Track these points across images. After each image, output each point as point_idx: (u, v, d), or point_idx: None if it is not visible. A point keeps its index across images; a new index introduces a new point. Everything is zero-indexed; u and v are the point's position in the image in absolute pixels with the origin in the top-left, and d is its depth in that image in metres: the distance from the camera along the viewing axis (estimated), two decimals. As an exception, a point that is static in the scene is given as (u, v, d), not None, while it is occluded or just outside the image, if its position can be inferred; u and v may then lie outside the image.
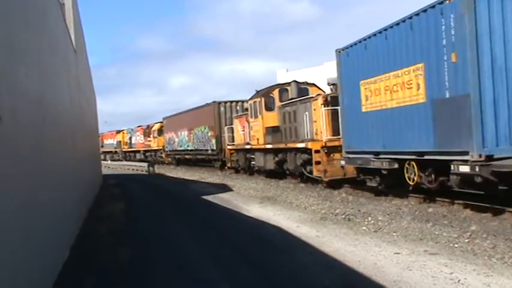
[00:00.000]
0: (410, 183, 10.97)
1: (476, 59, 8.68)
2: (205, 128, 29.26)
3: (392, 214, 10.09)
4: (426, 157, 10.22)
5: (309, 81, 19.54)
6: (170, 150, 38.10)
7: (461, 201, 10.46)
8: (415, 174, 10.74)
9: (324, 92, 18.12)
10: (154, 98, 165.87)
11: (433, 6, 9.66)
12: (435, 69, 9.67)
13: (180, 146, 34.94)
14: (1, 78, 3.94)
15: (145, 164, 34.38)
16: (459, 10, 8.87)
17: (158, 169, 33.38)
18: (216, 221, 11.36)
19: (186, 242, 9.13)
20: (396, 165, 11.27)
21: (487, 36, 8.68)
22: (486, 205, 9.69)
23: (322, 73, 50.03)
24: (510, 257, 6.53)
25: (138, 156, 47.08)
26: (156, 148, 42.35)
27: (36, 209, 5.30)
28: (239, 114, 24.66)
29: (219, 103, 27.55)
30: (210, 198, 15.61)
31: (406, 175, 11.03)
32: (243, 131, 22.81)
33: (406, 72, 10.60)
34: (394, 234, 8.49)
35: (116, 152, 56.20)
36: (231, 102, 27.50)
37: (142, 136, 46.69)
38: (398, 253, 7.16)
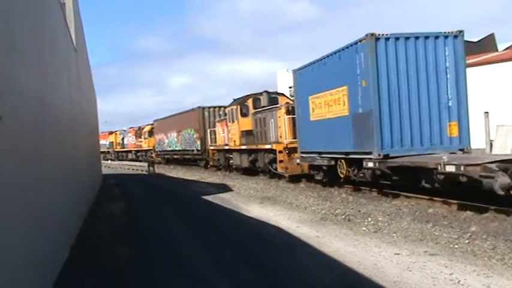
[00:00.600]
0: (341, 176, 14.32)
1: (377, 84, 11.83)
2: (191, 131, 32.29)
3: (392, 215, 10.09)
4: (350, 156, 13.54)
5: (278, 92, 22.93)
6: (160, 151, 40.83)
7: (461, 202, 10.47)
8: (344, 169, 14.05)
9: (291, 101, 20.37)
10: (154, 98, 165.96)
11: (352, 45, 12.71)
12: (354, 91, 12.78)
13: (169, 147, 37.91)
14: (1, 78, 3.94)
15: (146, 164, 34.45)
16: (366, 50, 11.96)
17: (158, 169, 33.39)
18: (216, 221, 11.36)
19: (186, 242, 9.13)
20: (332, 162, 14.59)
21: (384, 68, 11.88)
22: (486, 206, 9.70)
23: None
24: (510, 258, 6.53)
25: (130, 156, 49.78)
26: (147, 148, 45.16)
27: (36, 209, 5.31)
28: (220, 118, 27.16)
29: (204, 108, 30.69)
30: (210, 198, 15.61)
31: (339, 170, 14.34)
32: (223, 133, 25.69)
33: (337, 92, 13.74)
34: (394, 234, 8.49)
35: (108, 152, 58.28)
36: (214, 107, 30.55)
37: (134, 137, 49.52)
38: (398, 254, 7.16)
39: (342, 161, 14.00)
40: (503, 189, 8.85)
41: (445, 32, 12.25)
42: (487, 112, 20.10)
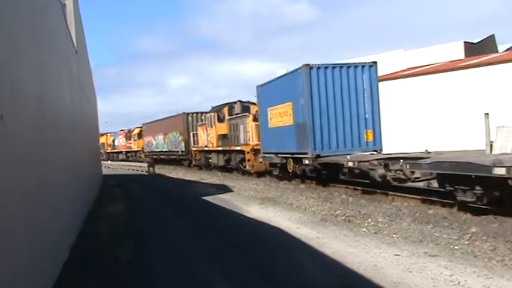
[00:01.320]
0: (290, 171, 18.34)
1: (311, 102, 15.67)
2: (176, 133, 35.96)
3: (393, 216, 10.09)
4: (294, 155, 17.38)
5: (250, 101, 25.61)
6: (148, 151, 44.72)
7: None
8: (291, 166, 18.04)
9: None
10: (154, 99, 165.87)
11: (294, 71, 16.62)
12: (296, 106, 16.60)
13: (157, 148, 41.80)
14: (2, 79, 3.95)
15: (146, 164, 34.54)
16: (303, 76, 15.81)
17: (158, 170, 33.42)
18: (216, 222, 11.37)
19: (185, 243, 9.13)
20: (284, 161, 18.49)
21: (316, 89, 15.73)
22: (486, 207, 9.71)
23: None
24: (510, 259, 6.53)
25: (120, 156, 53.87)
26: (137, 149, 49.13)
27: (36, 209, 5.31)
28: (202, 123, 30.68)
29: (187, 114, 34.37)
30: (210, 199, 15.62)
31: (288, 166, 18.31)
32: (204, 136, 29.36)
33: (286, 106, 17.51)
34: (394, 235, 8.49)
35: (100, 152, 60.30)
36: (197, 113, 34.00)
37: (124, 139, 53.64)
38: (398, 255, 7.16)
39: (290, 159, 18.01)
40: (380, 177, 12.43)
41: (363, 63, 16.42)
42: (487, 113, 20.21)
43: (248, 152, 22.35)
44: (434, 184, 11.42)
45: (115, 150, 57.09)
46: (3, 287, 3.60)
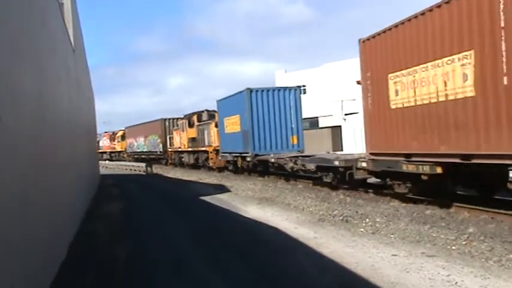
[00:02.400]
0: (239, 166, 23.80)
1: (251, 115, 21.61)
2: (155, 136, 41.43)
3: (390, 216, 10.10)
4: (242, 155, 22.93)
5: (216, 110, 28.84)
6: (130, 152, 50.56)
7: (459, 204, 10.52)
8: (240, 163, 23.54)
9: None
10: (152, 99, 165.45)
11: (241, 92, 22.37)
12: (242, 118, 22.46)
13: (138, 149, 47.61)
14: (0, 78, 3.94)
15: (143, 164, 34.65)
16: (245, 97, 21.76)
17: (156, 169, 33.43)
18: (214, 222, 11.37)
19: (183, 242, 9.13)
20: (235, 159, 23.99)
21: (255, 106, 21.68)
22: (484, 208, 9.74)
23: (321, 74, 50.29)
24: (507, 259, 6.55)
25: (105, 156, 58.02)
26: (120, 150, 55.03)
27: (34, 209, 5.30)
28: (176, 128, 36.29)
29: (165, 119, 40.01)
30: (207, 198, 15.62)
31: (238, 163, 23.85)
32: (178, 139, 35.41)
33: (236, 117, 23.38)
34: (392, 236, 8.50)
35: None
36: (173, 119, 39.31)
37: (108, 140, 59.13)
38: (395, 255, 7.17)
39: (239, 157, 23.52)
40: (290, 168, 18.22)
41: (290, 87, 22.85)
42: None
43: (211, 152, 27.95)
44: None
45: (100, 151, 62.48)
46: (1, 285, 3.60)
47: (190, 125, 32.05)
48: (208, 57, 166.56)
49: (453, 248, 7.39)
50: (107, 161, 51.09)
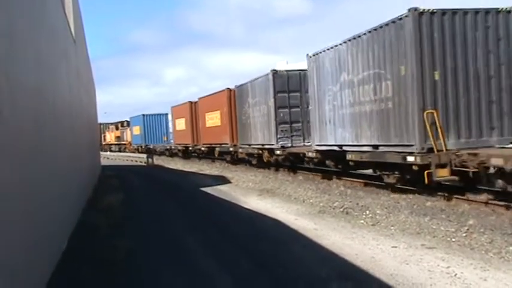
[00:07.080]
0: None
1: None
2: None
3: (390, 208, 10.11)
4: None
5: (128, 120, 43.82)
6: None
7: (459, 196, 10.53)
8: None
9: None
10: (150, 89, 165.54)
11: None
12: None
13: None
14: (0, 70, 3.92)
15: (144, 156, 34.72)
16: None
17: (157, 161, 33.46)
18: (215, 213, 11.39)
19: (184, 233, 9.16)
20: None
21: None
22: (484, 201, 9.75)
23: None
24: (507, 251, 6.56)
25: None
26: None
27: (35, 200, 5.31)
28: (108, 129, 60.43)
29: (101, 124, 53.60)
30: (208, 190, 15.64)
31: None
32: (109, 137, 60.14)
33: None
34: (392, 228, 8.52)
35: None
36: (106, 124, 61.85)
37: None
38: (395, 247, 7.19)
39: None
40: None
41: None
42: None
43: (127, 144, 49.45)
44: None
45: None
46: (1, 275, 3.61)
47: (117, 128, 57.31)
48: (204, 49, 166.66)
49: (453, 240, 7.40)
50: (108, 152, 51.64)
